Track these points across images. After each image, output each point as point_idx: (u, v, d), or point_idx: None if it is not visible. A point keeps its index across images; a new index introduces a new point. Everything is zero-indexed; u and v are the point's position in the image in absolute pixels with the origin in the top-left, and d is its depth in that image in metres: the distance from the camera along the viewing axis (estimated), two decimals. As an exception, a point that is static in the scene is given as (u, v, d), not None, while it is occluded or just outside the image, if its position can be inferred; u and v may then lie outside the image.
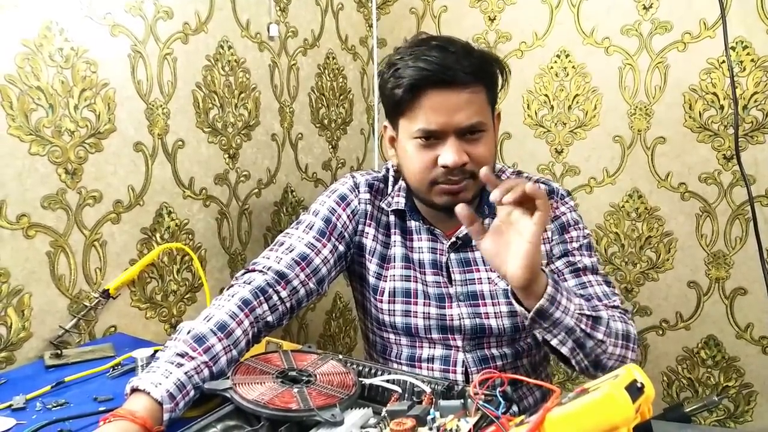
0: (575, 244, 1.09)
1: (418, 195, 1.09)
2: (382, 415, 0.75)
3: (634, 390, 0.57)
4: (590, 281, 1.06)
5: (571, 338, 0.91)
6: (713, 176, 1.61)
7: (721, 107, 1.57)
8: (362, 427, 0.76)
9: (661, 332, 1.73)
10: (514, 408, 1.07)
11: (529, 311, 0.88)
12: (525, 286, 0.86)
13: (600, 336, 0.94)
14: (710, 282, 1.65)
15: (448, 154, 0.99)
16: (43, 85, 1.14)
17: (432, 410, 0.72)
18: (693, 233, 1.65)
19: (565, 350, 0.92)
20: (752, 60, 1.52)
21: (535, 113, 1.82)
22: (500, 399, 0.71)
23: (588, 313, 0.93)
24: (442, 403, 0.75)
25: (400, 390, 0.84)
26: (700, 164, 1.62)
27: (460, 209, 0.88)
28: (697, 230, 1.65)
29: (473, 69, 0.99)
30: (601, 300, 1.04)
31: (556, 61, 1.77)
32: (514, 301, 0.91)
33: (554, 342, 0.91)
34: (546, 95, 1.79)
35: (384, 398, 0.85)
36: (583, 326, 0.91)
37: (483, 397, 0.71)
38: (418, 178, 1.04)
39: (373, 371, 0.89)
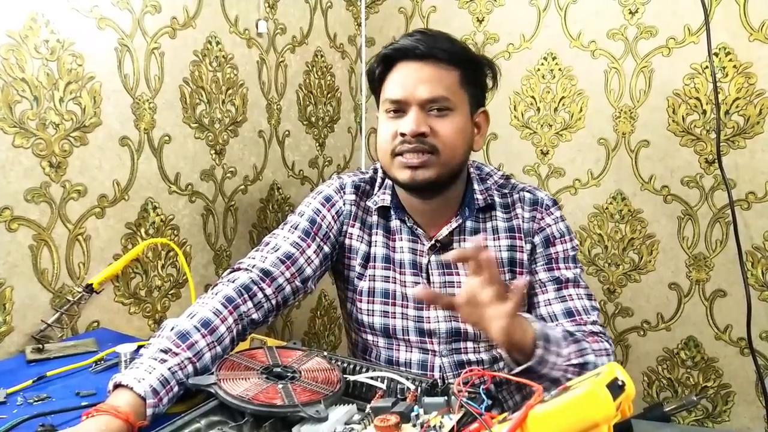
0: (560, 256, 1.09)
1: (387, 174, 1.09)
2: (367, 411, 0.76)
3: (616, 388, 0.58)
4: (571, 294, 1.06)
5: (555, 384, 0.88)
6: (695, 180, 1.63)
7: (704, 112, 1.59)
8: (346, 424, 0.76)
9: (642, 333, 1.76)
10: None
11: (517, 363, 0.86)
12: (508, 348, 0.86)
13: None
14: (691, 284, 1.68)
15: (406, 122, 1.01)
16: (27, 77, 1.13)
17: (416, 407, 0.72)
18: (675, 236, 1.68)
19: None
20: (734, 66, 1.54)
21: (522, 114, 1.83)
22: (484, 396, 0.72)
23: (575, 361, 0.91)
24: (426, 400, 0.75)
25: (384, 387, 0.84)
26: (683, 168, 1.64)
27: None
28: (678, 233, 1.67)
29: (449, 50, 1.03)
30: (580, 315, 1.04)
31: (543, 64, 1.78)
32: (503, 352, 0.90)
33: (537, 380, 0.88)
34: (532, 97, 1.81)
35: (368, 395, 0.85)
36: (569, 375, 0.89)
37: (467, 394, 0.72)
38: (382, 150, 1.06)
39: (357, 368, 0.89)
